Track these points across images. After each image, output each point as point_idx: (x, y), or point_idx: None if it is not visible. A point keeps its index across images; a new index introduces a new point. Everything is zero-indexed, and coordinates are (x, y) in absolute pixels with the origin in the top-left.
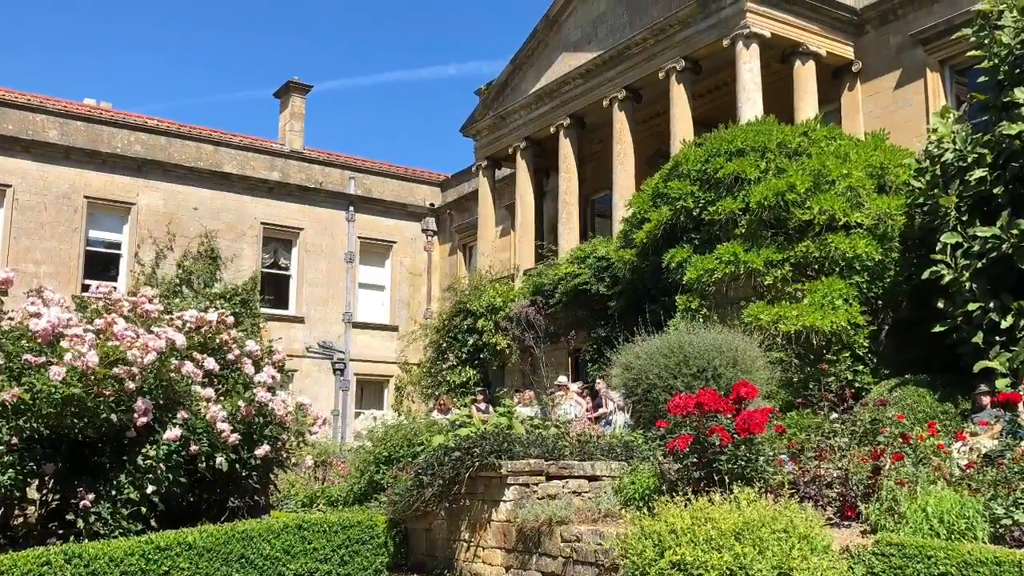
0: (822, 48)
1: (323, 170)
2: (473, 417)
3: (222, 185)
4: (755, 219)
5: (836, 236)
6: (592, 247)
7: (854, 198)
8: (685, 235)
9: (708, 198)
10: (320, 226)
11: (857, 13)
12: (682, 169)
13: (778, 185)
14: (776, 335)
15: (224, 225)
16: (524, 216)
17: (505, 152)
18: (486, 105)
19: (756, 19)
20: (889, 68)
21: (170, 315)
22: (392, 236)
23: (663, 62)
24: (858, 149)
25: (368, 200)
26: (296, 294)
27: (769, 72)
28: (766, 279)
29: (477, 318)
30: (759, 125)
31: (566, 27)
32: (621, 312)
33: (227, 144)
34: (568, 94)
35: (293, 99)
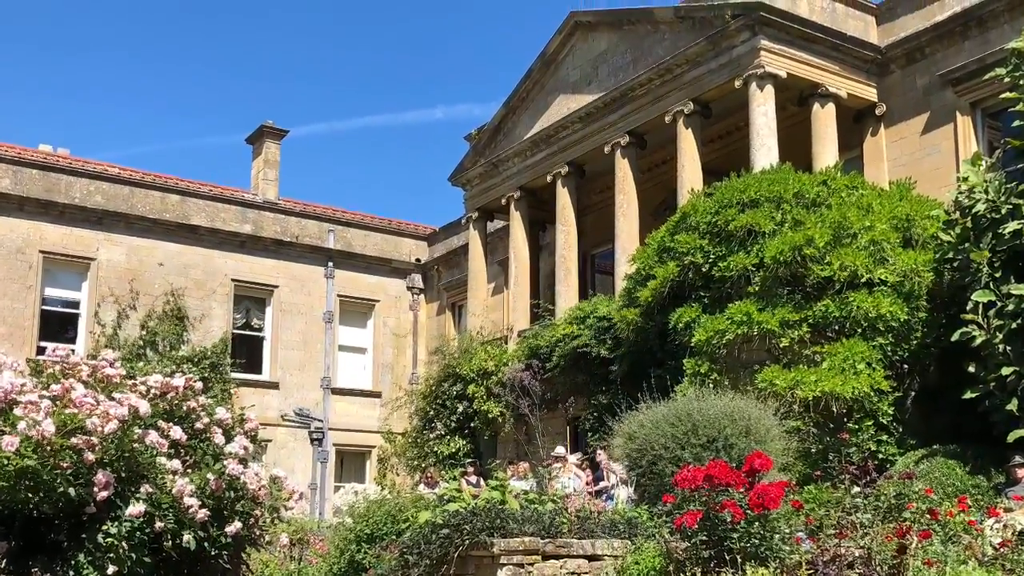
0: (843, 89)
1: (299, 222)
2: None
3: (190, 239)
4: (770, 276)
5: (858, 294)
6: (592, 306)
7: (878, 253)
8: (694, 293)
9: (719, 253)
10: (296, 283)
11: (881, 52)
12: (690, 221)
13: (795, 239)
14: (793, 402)
15: (192, 282)
16: (518, 272)
17: (498, 203)
18: (477, 152)
19: (771, 58)
20: (916, 111)
21: (133, 380)
22: (375, 294)
23: (670, 105)
24: (882, 199)
25: (348, 255)
26: (270, 357)
27: (785, 115)
28: (782, 341)
29: (467, 383)
30: (774, 173)
31: (564, 67)
32: (624, 377)
33: (195, 194)
34: (566, 139)
35: (267, 145)
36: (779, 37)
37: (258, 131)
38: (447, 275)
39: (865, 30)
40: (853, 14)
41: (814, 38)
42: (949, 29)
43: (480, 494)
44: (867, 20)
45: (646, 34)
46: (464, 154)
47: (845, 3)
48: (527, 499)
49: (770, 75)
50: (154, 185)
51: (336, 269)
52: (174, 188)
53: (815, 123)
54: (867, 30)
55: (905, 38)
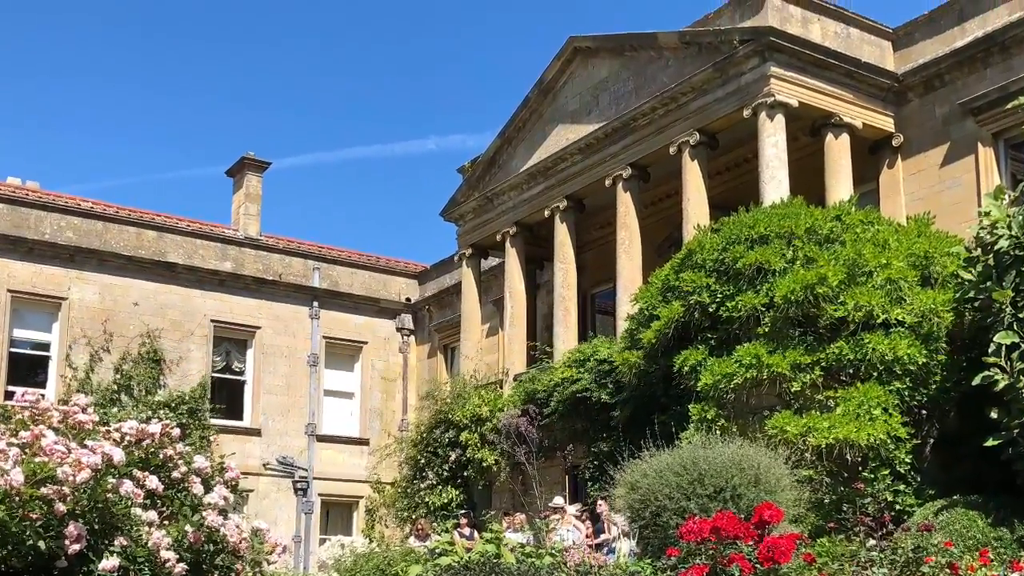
0: (857, 119)
1: (283, 260)
2: (456, 544)
3: (167, 277)
4: (780, 316)
5: (874, 336)
6: (592, 348)
7: (894, 292)
8: (700, 335)
9: (726, 292)
10: (279, 324)
11: (898, 79)
12: (696, 258)
13: (807, 277)
14: (805, 450)
15: (169, 323)
16: (514, 313)
17: (492, 239)
18: (470, 185)
19: (781, 86)
20: (935, 142)
21: (107, 427)
22: (362, 336)
23: (674, 135)
24: (899, 235)
25: (335, 294)
26: (252, 402)
27: (796, 147)
28: (793, 385)
29: (460, 430)
30: (785, 208)
31: (562, 95)
32: (626, 423)
33: (172, 230)
34: (565, 172)
35: (248, 178)
36: (790, 64)
37: (239, 163)
38: (439, 315)
39: (881, 56)
40: (868, 39)
41: (827, 64)
42: (970, 55)
43: (474, 548)
44: (883, 46)
45: (649, 61)
46: (457, 187)
47: (860, 27)
48: (524, 553)
49: (780, 104)
50: (129, 220)
51: (321, 309)
52: (150, 223)
53: (828, 155)
54: (883, 56)
55: (923, 65)
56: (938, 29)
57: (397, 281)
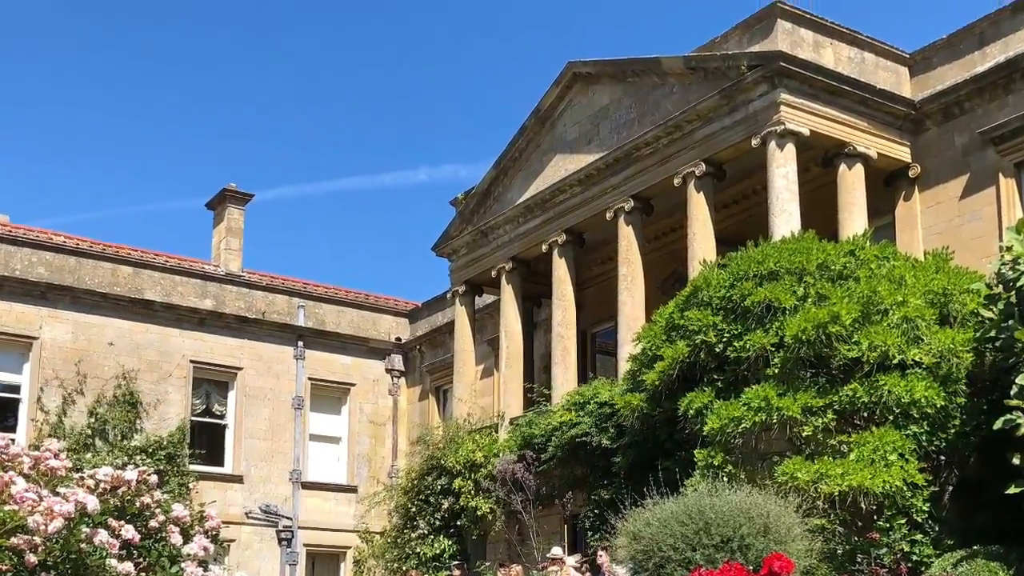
0: (872, 149)
1: (266, 297)
2: None
3: (143, 315)
4: (791, 356)
5: (889, 377)
6: (593, 391)
7: (911, 331)
8: (706, 376)
9: (734, 331)
10: (262, 365)
11: (915, 107)
12: (702, 296)
13: (819, 315)
14: (817, 497)
15: (146, 363)
16: (510, 353)
17: (487, 275)
18: (464, 218)
19: (792, 113)
20: (954, 173)
21: (80, 473)
22: (350, 377)
23: (679, 166)
24: (916, 272)
25: (321, 333)
26: (233, 448)
27: (808, 178)
28: (804, 430)
29: (453, 477)
30: (796, 242)
31: (561, 124)
32: (628, 469)
33: (149, 265)
34: (564, 204)
35: (229, 211)
36: (801, 90)
37: (219, 195)
38: (431, 356)
39: (897, 82)
40: (884, 64)
41: (840, 91)
42: (991, 82)
43: None
44: (899, 72)
45: (652, 87)
46: (449, 221)
47: (875, 52)
48: None
49: (791, 133)
50: (104, 255)
51: (307, 349)
52: (126, 259)
53: (841, 186)
54: (899, 82)
55: (942, 91)
56: (957, 54)
57: (386, 320)
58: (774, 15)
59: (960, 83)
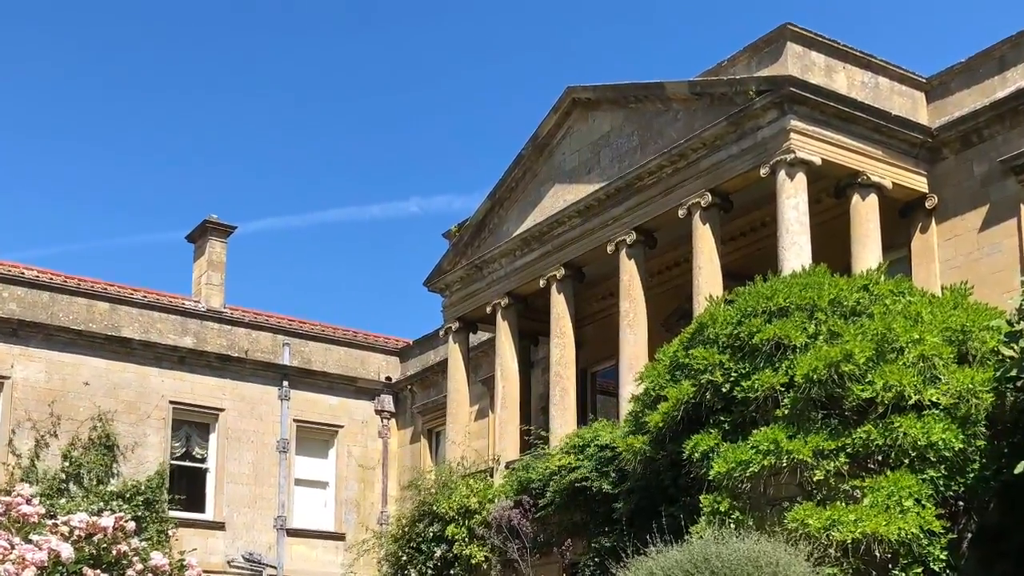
0: (887, 178)
1: (249, 334)
2: None
3: (120, 353)
4: (802, 397)
5: (905, 419)
6: (593, 433)
7: (928, 370)
8: (712, 417)
9: (741, 370)
10: (245, 406)
11: (932, 134)
12: (708, 333)
13: (831, 354)
14: (828, 545)
15: (123, 404)
16: (506, 393)
17: (482, 311)
18: (457, 251)
19: (803, 141)
20: (972, 204)
21: (54, 520)
22: (338, 419)
23: (684, 196)
24: (933, 308)
25: (307, 373)
26: (215, 493)
27: (819, 209)
28: (815, 474)
29: (446, 523)
30: (806, 277)
31: (560, 152)
32: (630, 516)
33: (127, 301)
34: (562, 237)
35: (211, 244)
36: (812, 117)
37: (200, 227)
38: (422, 396)
39: (913, 108)
40: (899, 90)
41: (853, 118)
42: (1012, 108)
43: None
44: (915, 97)
45: (656, 113)
46: (442, 254)
47: (890, 77)
48: None
49: (802, 161)
50: (79, 291)
51: (292, 389)
52: (102, 294)
53: (854, 218)
54: (915, 108)
55: (960, 118)
56: (976, 78)
57: (376, 358)
58: (784, 38)
59: (979, 109)
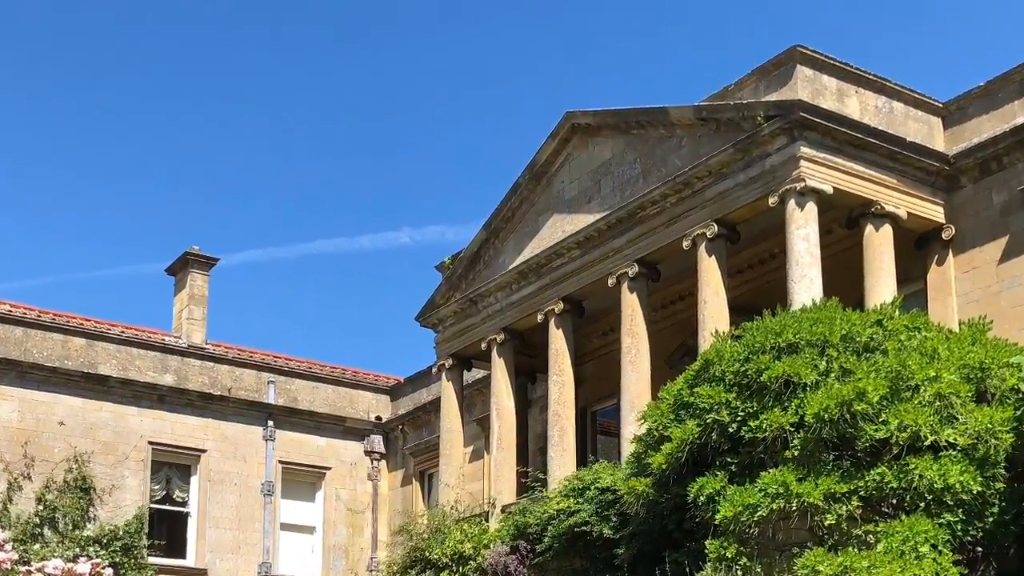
0: (902, 208)
1: (232, 371)
2: None
3: (97, 392)
4: (812, 437)
5: (921, 460)
6: (593, 475)
7: (944, 409)
8: (718, 459)
9: (749, 409)
10: (228, 446)
11: (949, 162)
12: (714, 370)
13: (843, 392)
14: None
15: (100, 445)
16: (502, 433)
17: (477, 348)
18: (451, 285)
19: (813, 169)
20: (991, 235)
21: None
22: (325, 460)
23: (689, 227)
24: (950, 344)
25: (293, 412)
26: (196, 537)
27: (831, 240)
28: (827, 518)
29: (439, 570)
30: (817, 311)
31: (558, 180)
32: (632, 561)
33: (104, 337)
34: (561, 269)
35: (192, 277)
36: (823, 144)
37: (181, 259)
38: (414, 436)
39: (929, 134)
40: (915, 115)
41: (867, 144)
42: None
43: None
44: (931, 123)
45: (659, 140)
46: (435, 288)
47: (905, 101)
48: None
49: (812, 190)
50: (53, 326)
51: (277, 429)
52: (78, 330)
53: (868, 249)
54: (932, 134)
55: (978, 145)
56: (995, 103)
57: (366, 397)
58: (793, 60)
59: (998, 136)
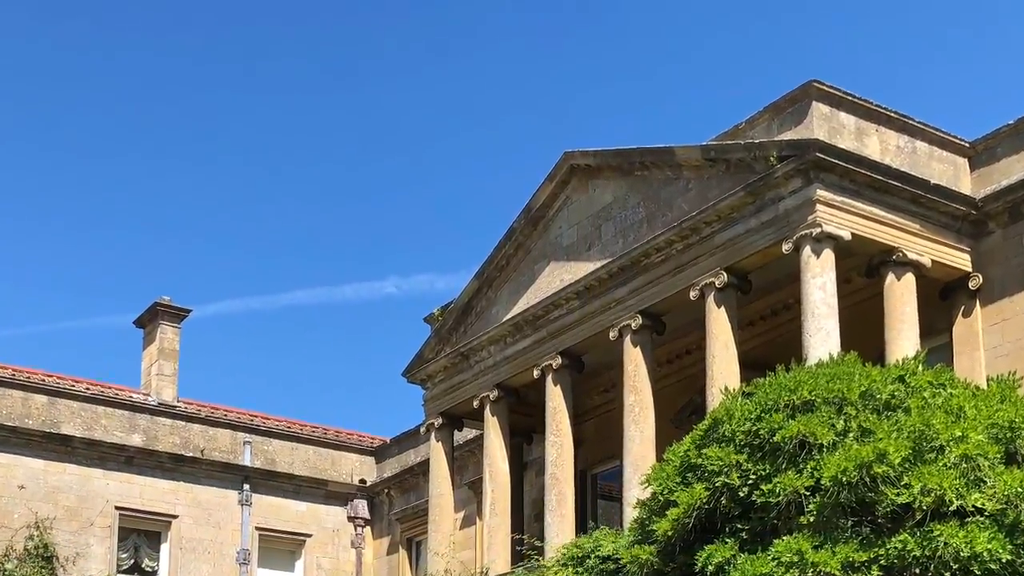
0: (925, 255)
1: (206, 431)
2: None
3: (60, 453)
4: (829, 502)
5: (946, 527)
6: (593, 542)
7: (971, 472)
8: (728, 525)
9: (761, 472)
10: (202, 512)
11: (976, 205)
12: (723, 430)
13: (862, 453)
14: None
15: (63, 510)
16: (496, 498)
17: (468, 406)
18: (440, 338)
19: (830, 214)
20: (1022, 284)
21: None
22: (305, 526)
23: (696, 275)
24: (977, 401)
25: (271, 475)
26: None
27: (849, 289)
28: None
29: None
30: (835, 367)
31: (556, 226)
32: None
33: (68, 394)
34: (559, 321)
35: (162, 329)
36: (841, 186)
37: (150, 310)
38: (401, 501)
39: (955, 176)
40: (939, 155)
41: (888, 187)
42: None
43: None
44: (957, 163)
45: (665, 182)
46: (423, 341)
47: (928, 141)
48: None
49: (829, 236)
50: (13, 382)
51: (254, 493)
52: (39, 386)
53: (888, 300)
54: (957, 176)
55: (1008, 187)
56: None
57: (349, 458)
58: (809, 97)
59: None
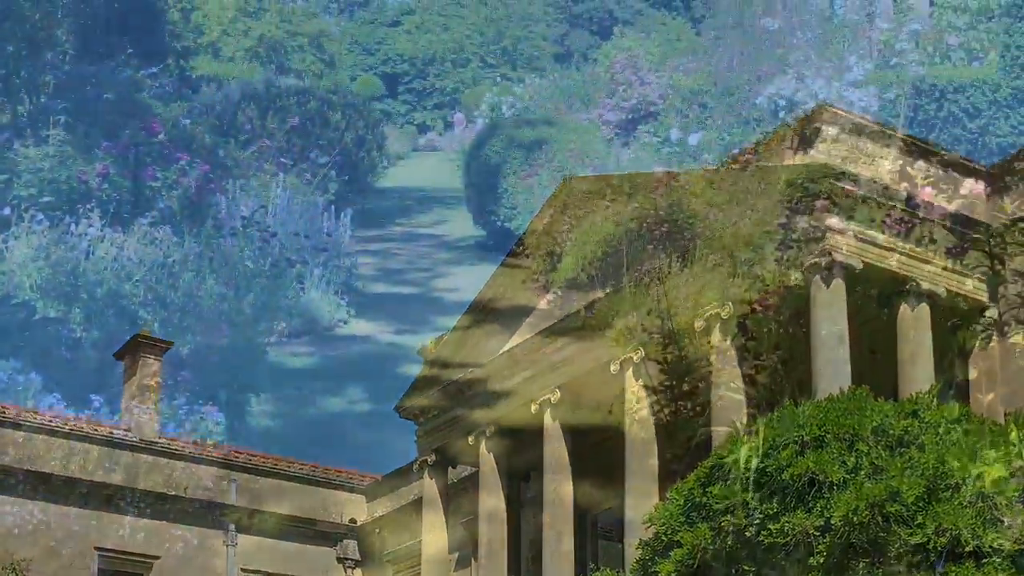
0: (940, 285)
1: (189, 469)
2: None
3: (38, 492)
4: (840, 542)
5: (961, 568)
6: None
7: (988, 511)
8: (735, 566)
9: (769, 511)
10: (185, 553)
11: (994, 234)
12: (729, 467)
13: (874, 492)
14: None
15: (41, 551)
16: (492, 538)
17: (463, 442)
18: (434, 370)
19: (840, 241)
20: None
21: None
22: (293, 568)
23: (699, 304)
24: (994, 437)
25: (257, 514)
26: None
27: (861, 320)
28: None
29: None
30: (845, 401)
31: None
32: None
33: (46, 430)
34: (558, 354)
35: (143, 362)
36: (852, 214)
37: (131, 342)
38: (393, 541)
39: (971, 203)
40: (955, 181)
41: (901, 215)
42: None
43: None
44: (974, 190)
45: None
46: (416, 374)
47: (944, 166)
48: None
49: (840, 265)
50: None
51: (240, 534)
52: (15, 421)
53: (902, 331)
54: (974, 204)
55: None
56: None
57: (339, 497)
58: (820, 121)
59: None
